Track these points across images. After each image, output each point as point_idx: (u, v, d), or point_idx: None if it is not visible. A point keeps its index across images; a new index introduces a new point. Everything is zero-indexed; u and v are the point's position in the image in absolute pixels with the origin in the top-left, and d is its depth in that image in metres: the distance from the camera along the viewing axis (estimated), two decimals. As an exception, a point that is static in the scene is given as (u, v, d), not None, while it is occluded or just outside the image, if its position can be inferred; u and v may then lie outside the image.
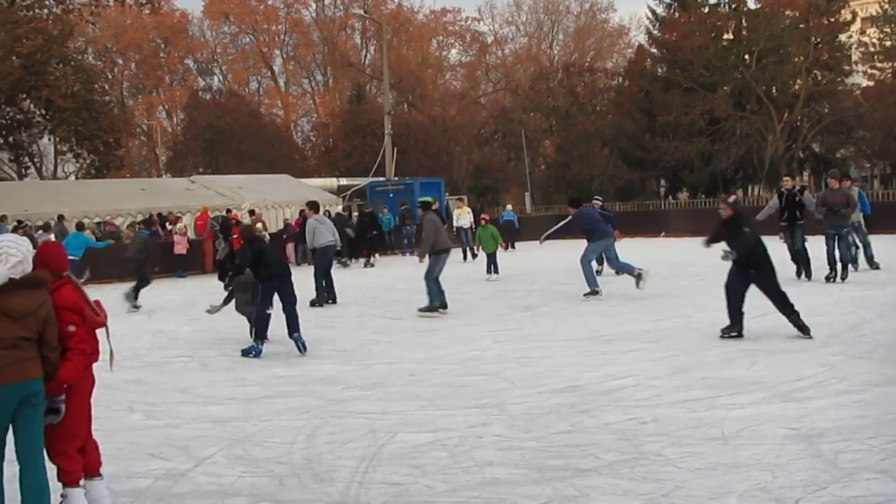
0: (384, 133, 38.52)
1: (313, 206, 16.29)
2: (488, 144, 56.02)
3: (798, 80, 43.03)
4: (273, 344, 10.66)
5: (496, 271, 18.24)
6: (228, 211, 26.30)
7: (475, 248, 23.86)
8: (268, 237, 15.44)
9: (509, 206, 35.50)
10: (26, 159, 46.10)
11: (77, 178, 44.73)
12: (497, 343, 10.47)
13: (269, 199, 30.95)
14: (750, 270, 9.79)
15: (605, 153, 48.40)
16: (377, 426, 6.77)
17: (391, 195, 33.22)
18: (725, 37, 45.01)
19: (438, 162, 51.50)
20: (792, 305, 9.76)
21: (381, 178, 37.45)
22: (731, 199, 12.49)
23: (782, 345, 9.37)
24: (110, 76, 50.60)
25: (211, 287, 18.99)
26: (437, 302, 13.03)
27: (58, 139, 44.01)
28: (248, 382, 8.90)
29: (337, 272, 18.07)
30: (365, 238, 27.01)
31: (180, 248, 24.46)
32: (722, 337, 9.81)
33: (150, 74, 57.37)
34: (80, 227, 22.13)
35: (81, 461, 4.93)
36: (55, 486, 4.77)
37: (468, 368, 8.97)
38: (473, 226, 26.16)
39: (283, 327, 10.36)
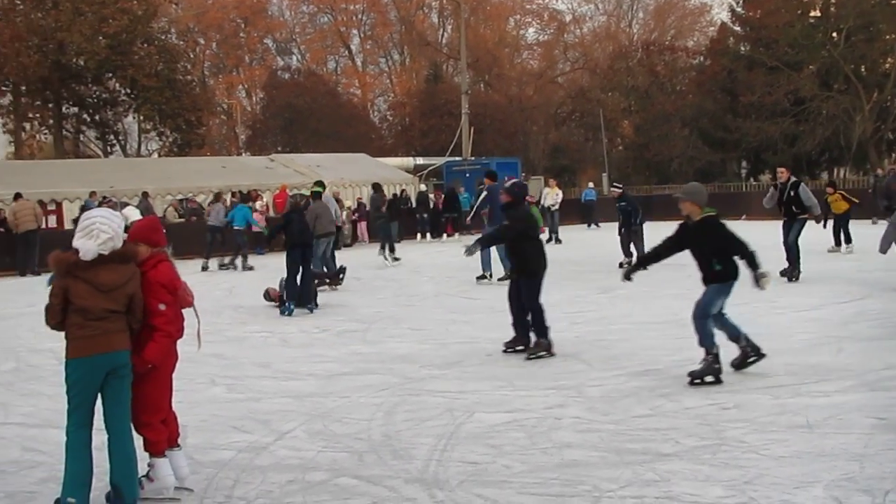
0: (461, 112, 38.47)
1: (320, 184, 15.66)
2: (565, 124, 55.48)
3: (889, 59, 41.57)
4: (352, 322, 10.79)
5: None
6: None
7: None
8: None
9: (591, 184, 35.05)
10: (112, 137, 47.36)
11: (160, 155, 45.77)
12: (574, 325, 10.40)
13: (346, 177, 31.21)
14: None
15: (684, 134, 47.50)
16: (455, 405, 6.79)
17: (467, 175, 33.16)
18: (812, 14, 43.64)
19: (515, 142, 51.23)
20: (546, 329, 8.66)
21: (457, 158, 37.42)
22: (509, 183, 10.46)
23: (870, 332, 9.12)
24: (192, 56, 51.40)
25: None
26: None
27: (142, 117, 45.11)
28: (326, 359, 9.02)
29: (413, 250, 18.13)
30: (445, 217, 27.13)
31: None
32: (505, 352, 8.89)
33: (231, 54, 58.18)
34: (245, 199, 22.89)
35: (166, 432, 5.04)
36: (142, 456, 4.90)
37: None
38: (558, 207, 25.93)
39: (359, 305, 10.47)
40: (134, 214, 15.86)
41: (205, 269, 19.43)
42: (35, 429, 6.65)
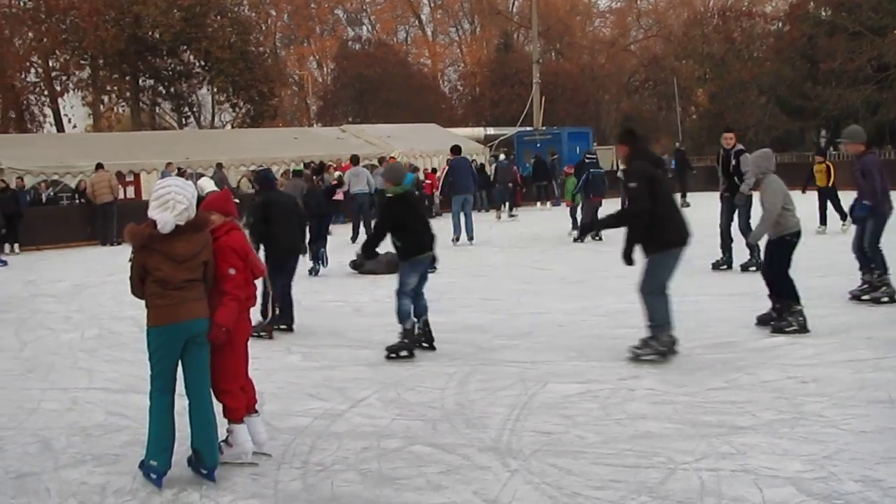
0: (532, 82, 38.08)
1: (355, 159, 21.03)
2: (638, 93, 54.62)
3: (979, 21, 39.94)
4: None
5: (575, 227, 17.43)
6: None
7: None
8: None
9: (666, 156, 34.43)
10: (186, 109, 48.14)
11: (233, 127, 46.38)
12: (647, 296, 10.27)
13: (417, 148, 31.25)
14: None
15: (761, 102, 46.35)
16: (527, 375, 6.79)
17: (538, 145, 32.93)
18: (898, -25, 42.16)
19: (587, 111, 50.66)
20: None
21: (528, 128, 37.14)
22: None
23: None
24: (264, 27, 51.80)
25: (361, 234, 19.43)
26: None
27: (215, 89, 45.70)
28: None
29: (483, 221, 18.08)
30: (535, 186, 27.09)
31: (337, 195, 25.05)
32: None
33: (302, 25, 58.46)
34: (413, 168, 23.36)
35: (244, 399, 5.15)
36: (221, 421, 5.01)
37: (618, 321, 8.87)
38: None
39: (430, 276, 10.46)
40: (209, 185, 16.00)
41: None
42: (118, 394, 6.86)
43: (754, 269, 11.10)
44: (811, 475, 4.51)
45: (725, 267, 12.13)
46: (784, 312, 7.93)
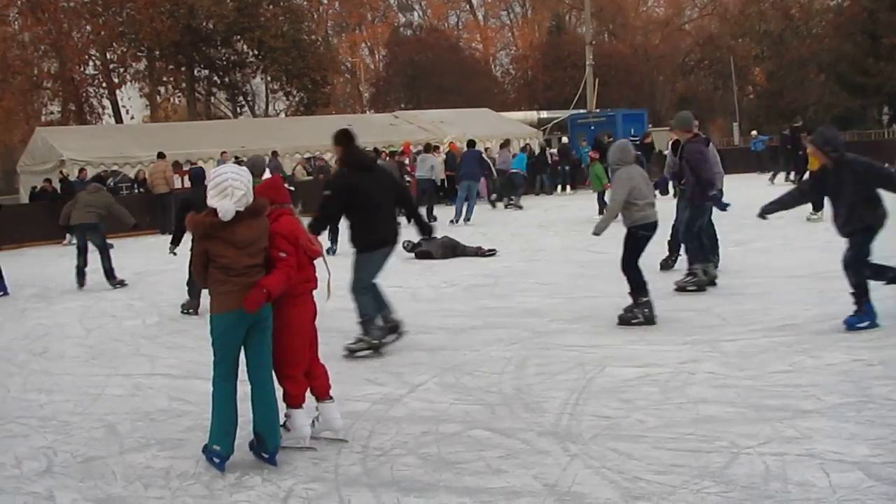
0: (585, 64, 37.75)
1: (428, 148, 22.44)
2: (693, 73, 53.95)
3: None
4: (479, 276, 10.83)
5: (601, 211, 16.89)
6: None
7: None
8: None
9: (754, 133, 33.73)
10: (241, 98, 48.67)
11: (287, 115, 46.77)
12: (706, 278, 10.13)
13: (470, 133, 31.14)
14: None
15: (821, 79, 45.48)
16: (585, 359, 6.74)
17: (592, 128, 32.60)
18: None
19: (641, 93, 50.13)
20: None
21: (581, 111, 36.81)
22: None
23: None
24: (316, 15, 52.10)
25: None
26: None
27: (269, 78, 46.13)
28: (455, 313, 9.09)
29: (537, 205, 17.96)
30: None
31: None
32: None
33: (353, 12, 58.62)
34: (524, 148, 24.48)
35: (306, 385, 5.18)
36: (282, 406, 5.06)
37: (677, 304, 8.75)
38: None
39: (486, 260, 10.49)
40: (265, 174, 16.28)
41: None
42: (181, 380, 6.97)
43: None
44: (879, 459, 4.41)
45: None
46: (632, 305, 7.96)
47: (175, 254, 10.19)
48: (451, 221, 18.76)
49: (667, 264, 10.90)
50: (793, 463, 4.43)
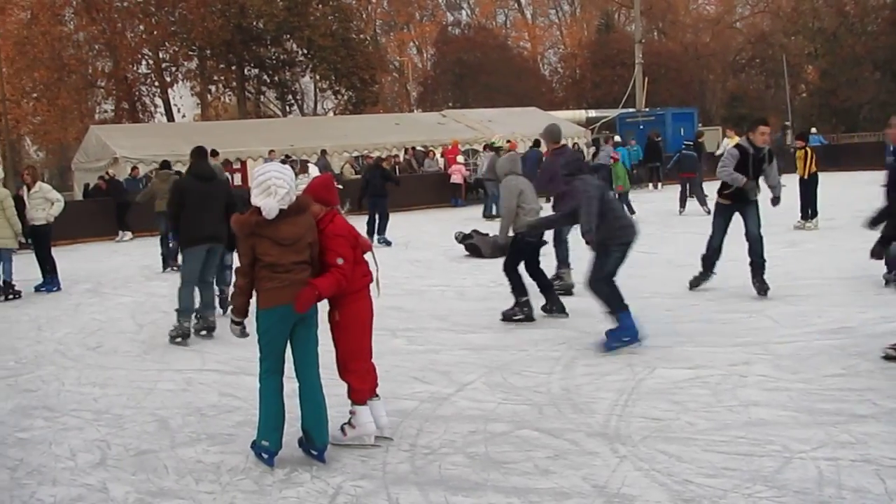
0: (634, 63, 37.46)
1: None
2: (744, 71, 53.24)
3: None
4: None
5: (631, 212, 16.59)
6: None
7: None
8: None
9: (814, 130, 33.22)
10: (290, 97, 49.06)
11: (335, 113, 47.06)
12: (757, 280, 9.99)
13: (517, 131, 31.10)
14: None
15: (876, 77, 44.58)
16: (634, 360, 6.69)
17: (641, 127, 32.37)
18: None
19: (690, 91, 49.67)
20: None
21: (631, 110, 36.56)
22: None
23: None
24: (364, 14, 52.36)
25: (463, 218, 19.48)
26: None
27: (318, 77, 46.43)
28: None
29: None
30: (648, 166, 26.75)
31: (457, 177, 25.15)
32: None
33: (401, 11, 58.86)
34: (616, 143, 24.47)
35: (371, 380, 5.19)
36: (332, 403, 5.07)
37: (728, 305, 8.66)
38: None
39: (547, 264, 10.40)
40: (314, 172, 16.42)
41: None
42: (230, 375, 7.04)
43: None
44: (938, 466, 4.32)
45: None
46: (514, 304, 8.59)
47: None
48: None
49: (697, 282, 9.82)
50: (847, 468, 4.36)
